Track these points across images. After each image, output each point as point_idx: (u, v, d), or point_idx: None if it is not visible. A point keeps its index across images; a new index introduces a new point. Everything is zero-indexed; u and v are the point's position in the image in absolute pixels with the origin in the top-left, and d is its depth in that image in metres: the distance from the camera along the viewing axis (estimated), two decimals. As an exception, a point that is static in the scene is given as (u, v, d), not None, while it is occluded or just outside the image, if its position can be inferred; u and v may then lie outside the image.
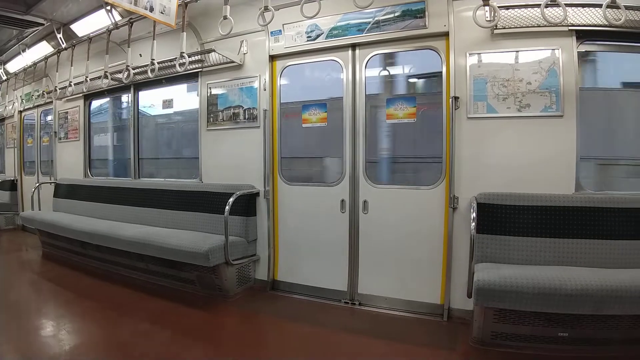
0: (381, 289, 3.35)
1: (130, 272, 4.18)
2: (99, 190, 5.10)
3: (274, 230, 3.83)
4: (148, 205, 4.45)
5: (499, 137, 2.91)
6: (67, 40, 4.90)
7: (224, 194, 3.71)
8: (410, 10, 3.10)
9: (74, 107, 5.68)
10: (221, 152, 4.10)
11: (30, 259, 5.23)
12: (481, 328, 2.57)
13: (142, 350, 2.66)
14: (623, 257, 2.55)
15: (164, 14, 3.28)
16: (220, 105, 4.07)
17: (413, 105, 3.25)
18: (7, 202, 7.06)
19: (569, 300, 2.21)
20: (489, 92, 2.91)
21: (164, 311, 3.34)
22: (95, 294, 3.75)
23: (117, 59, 4.44)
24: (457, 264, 3.01)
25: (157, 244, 3.58)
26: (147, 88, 4.98)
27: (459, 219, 3.01)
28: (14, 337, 2.84)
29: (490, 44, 2.92)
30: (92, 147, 5.74)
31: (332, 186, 3.55)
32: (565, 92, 2.75)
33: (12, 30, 5.16)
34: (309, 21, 3.29)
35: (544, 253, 2.67)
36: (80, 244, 4.56)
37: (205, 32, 4.08)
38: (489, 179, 2.92)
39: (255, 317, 3.28)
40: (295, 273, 3.74)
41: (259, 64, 3.81)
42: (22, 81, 6.27)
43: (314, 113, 3.64)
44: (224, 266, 3.47)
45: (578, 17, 2.64)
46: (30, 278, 4.41)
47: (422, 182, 3.30)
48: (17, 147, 7.10)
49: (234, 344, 2.80)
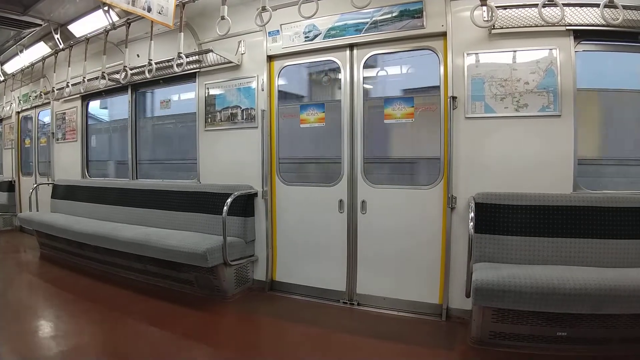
0: (379, 289, 3.35)
1: (128, 273, 4.17)
2: (96, 191, 5.09)
3: (272, 230, 3.82)
4: (146, 206, 4.44)
5: (496, 136, 2.91)
6: (64, 40, 4.89)
7: (222, 194, 3.70)
8: (408, 10, 3.10)
9: (72, 107, 5.66)
10: (219, 152, 4.09)
11: (28, 260, 5.21)
12: (480, 328, 2.57)
13: (140, 351, 2.66)
14: (621, 256, 2.56)
15: (161, 14, 3.28)
16: (218, 106, 4.06)
17: (411, 105, 3.26)
18: (5, 203, 7.04)
19: (567, 300, 2.21)
20: (487, 92, 2.91)
21: (162, 312, 3.33)
22: (93, 295, 3.74)
23: (115, 60, 4.45)
24: (456, 263, 3.01)
25: (155, 244, 3.57)
26: (145, 89, 4.99)
27: (457, 218, 3.01)
28: (11, 338, 2.82)
29: (488, 44, 2.92)
30: (90, 147, 5.72)
31: (330, 186, 3.54)
32: (562, 92, 2.75)
33: (10, 31, 5.14)
34: (307, 21, 3.29)
35: (542, 252, 2.67)
36: (78, 245, 4.55)
37: (202, 33, 4.07)
38: (487, 179, 2.92)
39: (253, 317, 3.28)
40: (293, 273, 3.73)
41: (257, 64, 3.81)
42: (20, 82, 6.25)
43: (312, 113, 3.64)
44: (222, 267, 3.47)
45: (575, 17, 2.64)
46: (28, 279, 4.40)
47: (420, 182, 3.30)
48: (15, 148, 7.09)
49: (233, 345, 2.79)
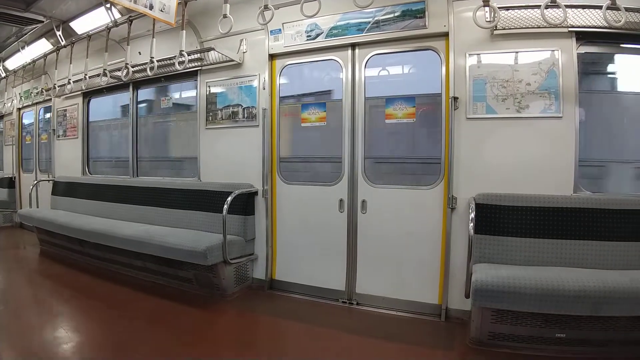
0: (379, 289, 3.35)
1: (128, 270, 4.17)
2: (97, 188, 5.09)
3: (272, 229, 3.82)
4: (146, 203, 4.44)
5: (497, 137, 2.91)
6: (66, 37, 4.89)
7: (223, 192, 3.70)
8: (410, 10, 3.10)
9: (73, 104, 5.66)
10: (220, 150, 4.08)
11: (27, 256, 5.22)
12: (479, 328, 2.57)
13: (140, 348, 2.65)
14: (621, 258, 2.56)
15: (163, 11, 3.28)
16: (220, 104, 4.06)
17: (412, 105, 3.25)
18: (6, 199, 7.05)
19: (566, 301, 2.22)
20: (489, 93, 2.91)
21: (161, 310, 3.33)
22: (92, 292, 3.75)
23: (117, 57, 4.44)
24: (455, 264, 3.01)
25: (155, 242, 3.57)
26: (146, 86, 4.98)
27: (457, 219, 3.01)
28: (11, 335, 2.83)
29: (490, 45, 2.91)
30: (91, 144, 5.73)
31: (330, 186, 3.54)
32: (564, 93, 2.75)
33: (12, 28, 5.14)
34: (309, 20, 3.29)
35: (542, 254, 2.67)
36: (78, 242, 4.55)
37: (204, 31, 4.07)
38: (488, 180, 2.92)
39: (252, 316, 3.28)
40: (293, 272, 3.74)
41: (259, 63, 3.80)
42: (21, 78, 6.26)
43: (313, 112, 3.64)
44: (222, 265, 3.47)
45: (578, 19, 2.64)
46: (27, 276, 4.40)
47: (421, 182, 3.29)
48: (16, 144, 7.09)
49: (232, 343, 2.79)
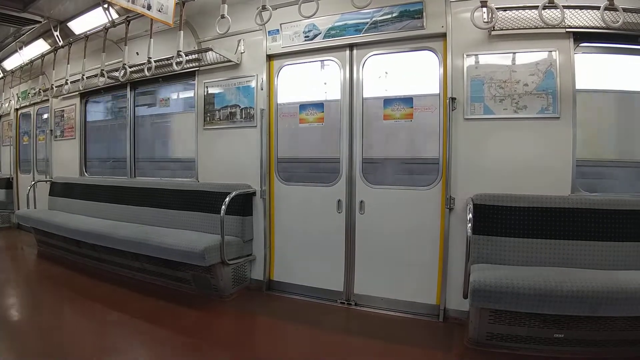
0: (377, 290, 3.34)
1: (125, 271, 4.16)
2: (94, 188, 5.07)
3: (270, 230, 3.82)
4: (144, 204, 4.43)
5: (495, 138, 2.91)
6: (64, 38, 4.87)
7: (221, 193, 3.69)
8: (408, 11, 3.10)
9: (70, 105, 5.65)
10: (218, 151, 4.08)
11: (25, 257, 5.20)
12: (477, 329, 2.57)
13: (137, 349, 2.65)
14: (619, 258, 2.56)
15: (161, 12, 3.27)
16: (217, 105, 4.05)
17: (410, 106, 3.25)
18: (3, 200, 7.02)
19: (564, 302, 2.21)
20: (486, 94, 2.91)
21: (159, 310, 3.32)
22: (90, 293, 3.73)
23: (114, 57, 4.43)
24: (453, 264, 3.01)
25: (153, 243, 3.56)
26: (144, 87, 4.97)
27: (455, 219, 3.01)
28: (7, 335, 2.81)
29: (488, 45, 2.92)
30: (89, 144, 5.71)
31: (328, 186, 3.53)
32: (562, 94, 2.75)
33: (9, 28, 5.13)
34: (307, 21, 3.29)
35: (540, 254, 2.67)
36: (75, 243, 4.54)
37: (202, 31, 4.06)
38: (486, 180, 2.92)
39: (250, 317, 3.27)
40: (291, 273, 3.73)
41: (256, 64, 3.80)
42: (19, 79, 6.23)
43: (310, 113, 3.64)
44: (220, 266, 3.46)
45: (575, 19, 2.64)
46: (25, 276, 4.38)
47: (419, 183, 3.29)
48: (13, 145, 7.07)
49: (229, 344, 2.78)
